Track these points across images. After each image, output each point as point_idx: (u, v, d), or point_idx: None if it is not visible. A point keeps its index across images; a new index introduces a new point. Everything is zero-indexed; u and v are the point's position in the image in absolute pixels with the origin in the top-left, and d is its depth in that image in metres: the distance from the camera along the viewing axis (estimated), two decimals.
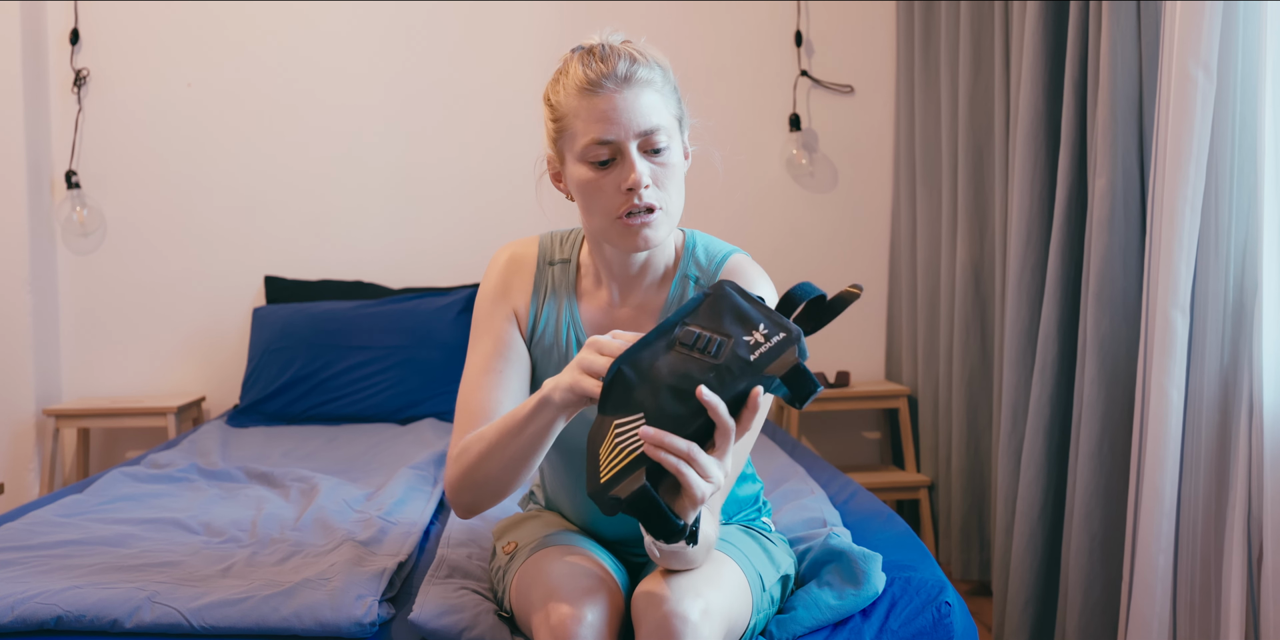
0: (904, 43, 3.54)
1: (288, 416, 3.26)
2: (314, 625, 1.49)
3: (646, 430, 1.16)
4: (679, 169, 1.44)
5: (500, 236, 3.61)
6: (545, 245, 1.57)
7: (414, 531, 1.95)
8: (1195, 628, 2.00)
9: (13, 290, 3.39)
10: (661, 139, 1.39)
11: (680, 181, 1.44)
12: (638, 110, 1.38)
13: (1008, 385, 2.62)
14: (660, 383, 1.19)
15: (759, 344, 1.18)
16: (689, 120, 1.50)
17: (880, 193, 3.72)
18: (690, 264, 1.50)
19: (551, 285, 1.54)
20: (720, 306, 1.21)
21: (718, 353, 1.19)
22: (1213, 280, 1.99)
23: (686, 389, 1.18)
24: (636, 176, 1.37)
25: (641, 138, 1.38)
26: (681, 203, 1.45)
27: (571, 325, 1.53)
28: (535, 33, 3.60)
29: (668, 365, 1.20)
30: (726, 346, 1.19)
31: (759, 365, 1.18)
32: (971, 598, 3.00)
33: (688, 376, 1.18)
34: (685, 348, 1.20)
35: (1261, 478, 1.88)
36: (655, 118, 1.39)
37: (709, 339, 1.20)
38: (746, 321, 1.20)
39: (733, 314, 1.21)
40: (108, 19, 3.54)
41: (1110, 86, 2.22)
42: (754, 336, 1.19)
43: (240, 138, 3.60)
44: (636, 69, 1.40)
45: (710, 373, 1.18)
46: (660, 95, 1.41)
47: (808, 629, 1.48)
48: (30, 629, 1.51)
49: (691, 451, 1.16)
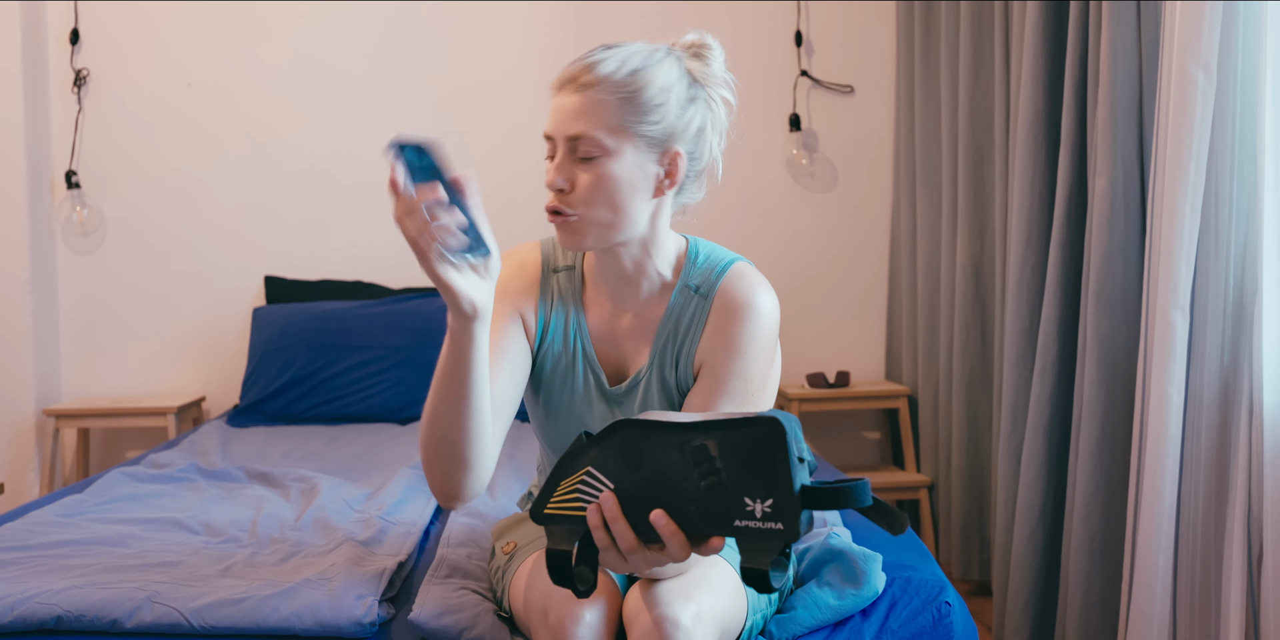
0: (904, 43, 3.54)
1: (288, 416, 3.27)
2: (314, 625, 1.49)
3: (607, 503, 1.10)
4: (613, 184, 1.37)
5: (500, 236, 3.59)
6: (547, 251, 1.57)
7: (414, 531, 1.95)
8: (1195, 628, 2.00)
9: (13, 290, 3.39)
10: (591, 149, 1.37)
11: (612, 196, 1.38)
12: (574, 115, 1.37)
13: (1008, 385, 2.62)
14: (646, 472, 1.09)
15: (751, 516, 1.03)
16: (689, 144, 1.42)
17: (880, 193, 3.72)
18: (692, 273, 1.49)
19: (558, 293, 1.54)
20: (756, 447, 1.03)
21: (711, 493, 1.05)
22: (1213, 280, 1.99)
23: (661, 498, 1.08)
24: (549, 176, 1.40)
25: (569, 143, 1.38)
26: (616, 217, 1.39)
27: (578, 333, 1.52)
28: (534, 32, 3.60)
29: (665, 464, 1.08)
30: (723, 494, 1.05)
31: (738, 534, 1.04)
32: (971, 598, 3.00)
33: (670, 490, 1.08)
34: (690, 460, 1.07)
35: (1261, 478, 1.88)
36: (585, 125, 1.36)
37: (715, 474, 1.05)
38: (764, 483, 1.03)
39: (760, 464, 1.03)
40: (108, 19, 3.55)
41: (1110, 86, 2.22)
42: (755, 506, 1.03)
43: (240, 137, 3.60)
44: (595, 76, 1.37)
45: (691, 505, 1.06)
46: (612, 107, 1.37)
47: (808, 629, 1.48)
48: (30, 629, 1.51)
49: (629, 549, 1.11)
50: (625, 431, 1.11)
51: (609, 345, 1.52)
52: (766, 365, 1.44)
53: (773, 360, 1.47)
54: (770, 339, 1.45)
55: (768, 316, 1.44)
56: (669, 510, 1.08)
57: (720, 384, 1.42)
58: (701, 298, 1.47)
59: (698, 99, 1.43)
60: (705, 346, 1.45)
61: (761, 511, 1.03)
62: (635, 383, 1.49)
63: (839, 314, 3.74)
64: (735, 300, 1.44)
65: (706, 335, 1.45)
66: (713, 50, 1.48)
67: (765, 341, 1.44)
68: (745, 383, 1.42)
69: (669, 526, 1.08)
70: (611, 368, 1.52)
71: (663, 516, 1.08)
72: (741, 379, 1.42)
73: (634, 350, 1.51)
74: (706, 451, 1.06)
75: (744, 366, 1.42)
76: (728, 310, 1.44)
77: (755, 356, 1.42)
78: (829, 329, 3.73)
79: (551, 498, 1.15)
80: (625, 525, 1.10)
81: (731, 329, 1.43)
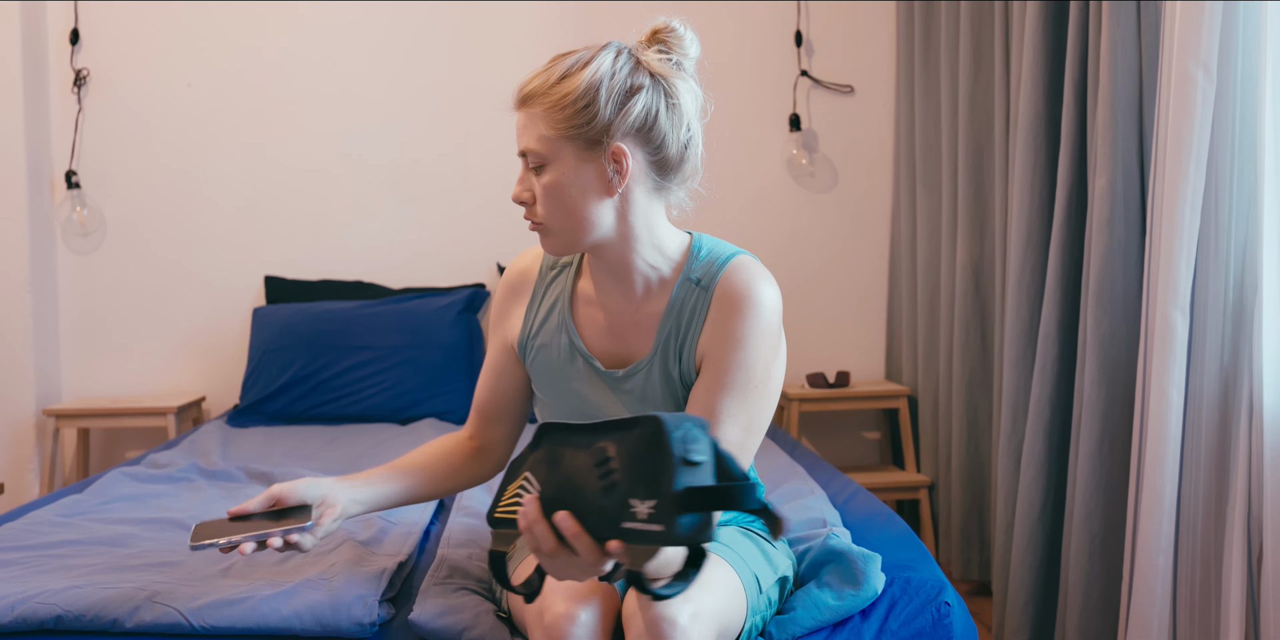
0: (904, 43, 3.54)
1: (288, 416, 3.27)
2: (314, 625, 1.49)
3: (528, 506, 1.10)
4: (557, 190, 1.42)
5: (500, 236, 3.62)
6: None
7: (414, 531, 1.95)
8: (1195, 628, 2.00)
9: (13, 290, 3.39)
10: (536, 160, 1.43)
11: (562, 202, 1.42)
12: (519, 130, 1.45)
13: (1008, 385, 2.62)
14: (562, 475, 1.09)
15: (635, 518, 1.00)
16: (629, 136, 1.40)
17: (880, 193, 3.72)
18: (694, 267, 1.49)
19: (550, 290, 1.58)
20: (644, 447, 1.01)
21: (606, 493, 1.03)
22: (1213, 280, 1.99)
23: (570, 500, 1.07)
24: (514, 192, 1.46)
25: (522, 157, 1.45)
26: (571, 221, 1.43)
27: (564, 327, 1.55)
28: (535, 31, 3.60)
29: (576, 467, 1.07)
30: (616, 495, 1.02)
31: (625, 536, 1.02)
32: (971, 598, 3.00)
33: (578, 493, 1.07)
34: (594, 463, 1.05)
35: (1261, 478, 1.88)
36: (527, 139, 1.43)
37: (610, 475, 1.03)
38: (648, 484, 0.99)
39: (645, 465, 1.00)
40: (108, 19, 3.55)
41: (1110, 86, 2.22)
42: (639, 508, 1.00)
43: (240, 137, 3.60)
44: (529, 90, 1.44)
45: (592, 508, 1.05)
46: (542, 117, 1.41)
47: (807, 629, 1.48)
48: (30, 629, 1.51)
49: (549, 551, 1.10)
50: (552, 435, 1.12)
51: (604, 338, 1.53)
52: (769, 357, 1.44)
53: (776, 352, 1.46)
54: (772, 331, 1.44)
55: (768, 308, 1.44)
56: (576, 513, 1.07)
57: (722, 376, 1.42)
58: (702, 290, 1.47)
59: (643, 89, 1.41)
60: (706, 339, 1.45)
61: (645, 513, 0.99)
62: (635, 370, 1.50)
63: (839, 314, 3.74)
64: (735, 292, 1.44)
65: (707, 327, 1.45)
66: (675, 33, 1.47)
67: (766, 333, 1.43)
68: (747, 375, 1.42)
69: (571, 528, 1.07)
70: (611, 357, 1.53)
71: (566, 518, 1.07)
72: (743, 371, 1.42)
73: (637, 343, 1.51)
74: (605, 453, 1.04)
75: (745, 358, 1.42)
76: (727, 302, 1.44)
77: (756, 348, 1.42)
78: (829, 329, 3.73)
79: (499, 503, 1.17)
80: (544, 527, 1.09)
81: (732, 320, 1.43)
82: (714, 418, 1.41)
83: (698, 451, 1.00)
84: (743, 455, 1.43)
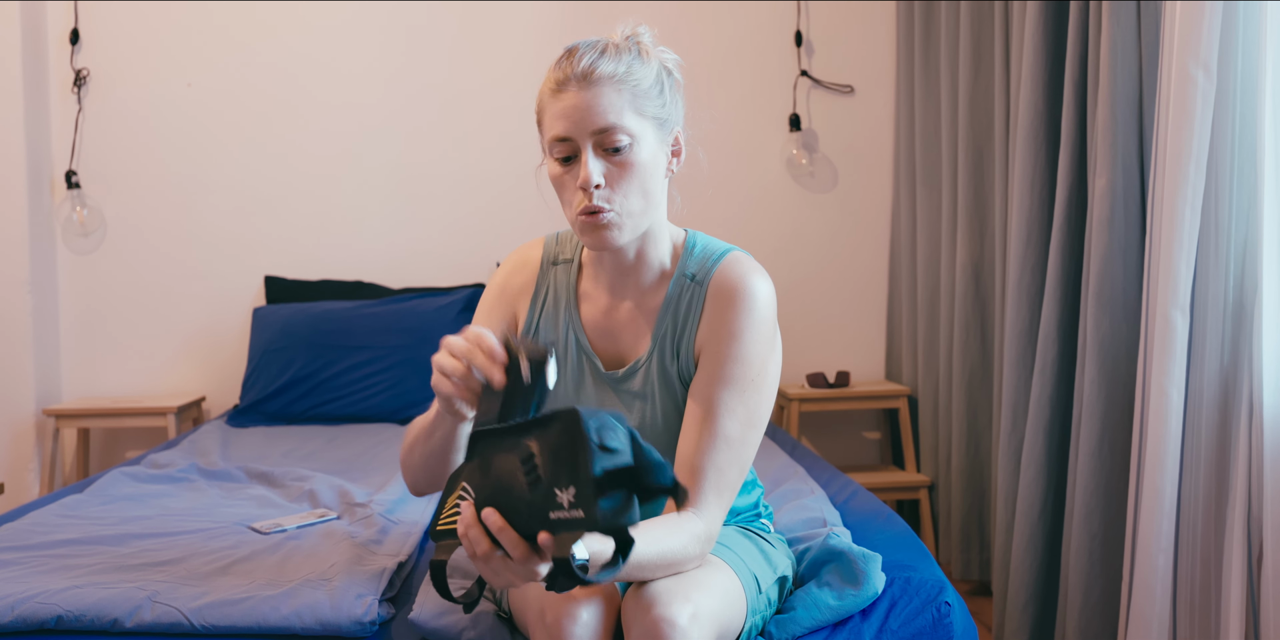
0: (904, 43, 3.54)
1: (288, 416, 3.27)
2: (314, 624, 1.50)
3: (465, 512, 1.12)
4: (642, 169, 1.41)
5: (500, 236, 3.61)
6: (549, 246, 1.60)
7: (414, 531, 1.95)
8: (1195, 628, 2.00)
9: (13, 290, 3.39)
10: (620, 138, 1.39)
11: (644, 182, 1.42)
12: (594, 109, 1.39)
13: (1008, 385, 2.62)
14: (492, 478, 1.11)
15: (560, 507, 1.04)
16: (678, 114, 1.48)
17: (880, 193, 3.72)
18: (689, 263, 1.50)
19: (553, 286, 1.56)
20: (562, 439, 1.05)
21: (532, 487, 1.06)
22: (1213, 280, 1.99)
23: (500, 500, 1.10)
24: (586, 175, 1.38)
25: (597, 137, 1.39)
26: (646, 204, 1.43)
27: (570, 324, 1.54)
28: (534, 32, 3.60)
29: (504, 468, 1.10)
30: (541, 488, 1.06)
31: (552, 526, 1.05)
32: (971, 598, 3.00)
33: (507, 491, 1.09)
34: (519, 460, 1.08)
35: (1261, 478, 1.88)
36: (612, 116, 1.39)
37: (533, 469, 1.06)
38: (568, 473, 1.03)
39: (564, 455, 1.04)
40: (108, 19, 3.55)
41: (1110, 86, 2.22)
42: (562, 497, 1.04)
43: (240, 137, 3.60)
44: (598, 66, 1.40)
45: (521, 503, 1.07)
46: (628, 93, 1.40)
47: (807, 629, 1.48)
48: (30, 629, 1.51)
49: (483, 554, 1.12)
50: (482, 442, 1.13)
51: (605, 335, 1.53)
52: (765, 351, 1.45)
53: (772, 346, 1.47)
54: (766, 324, 1.45)
55: (762, 301, 1.45)
56: (507, 511, 1.09)
57: (719, 370, 1.42)
58: (697, 285, 1.48)
59: (673, 85, 1.49)
60: (703, 334, 1.46)
61: (568, 501, 1.03)
62: (635, 369, 1.50)
63: (839, 314, 3.74)
64: (729, 286, 1.45)
65: (704, 322, 1.46)
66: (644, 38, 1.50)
67: (761, 326, 1.44)
68: (744, 368, 1.42)
69: (496, 522, 1.09)
70: (610, 356, 1.53)
71: (492, 514, 1.09)
72: (739, 364, 1.42)
73: (634, 339, 1.51)
74: (529, 449, 1.07)
75: (740, 351, 1.43)
76: (722, 296, 1.45)
77: (752, 341, 1.43)
78: (829, 329, 3.73)
79: (440, 516, 1.17)
80: (479, 530, 1.11)
81: (727, 314, 1.44)
82: (712, 412, 1.41)
83: (613, 438, 1.04)
84: (744, 451, 1.43)
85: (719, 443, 1.40)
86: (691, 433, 1.42)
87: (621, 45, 1.45)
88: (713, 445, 1.40)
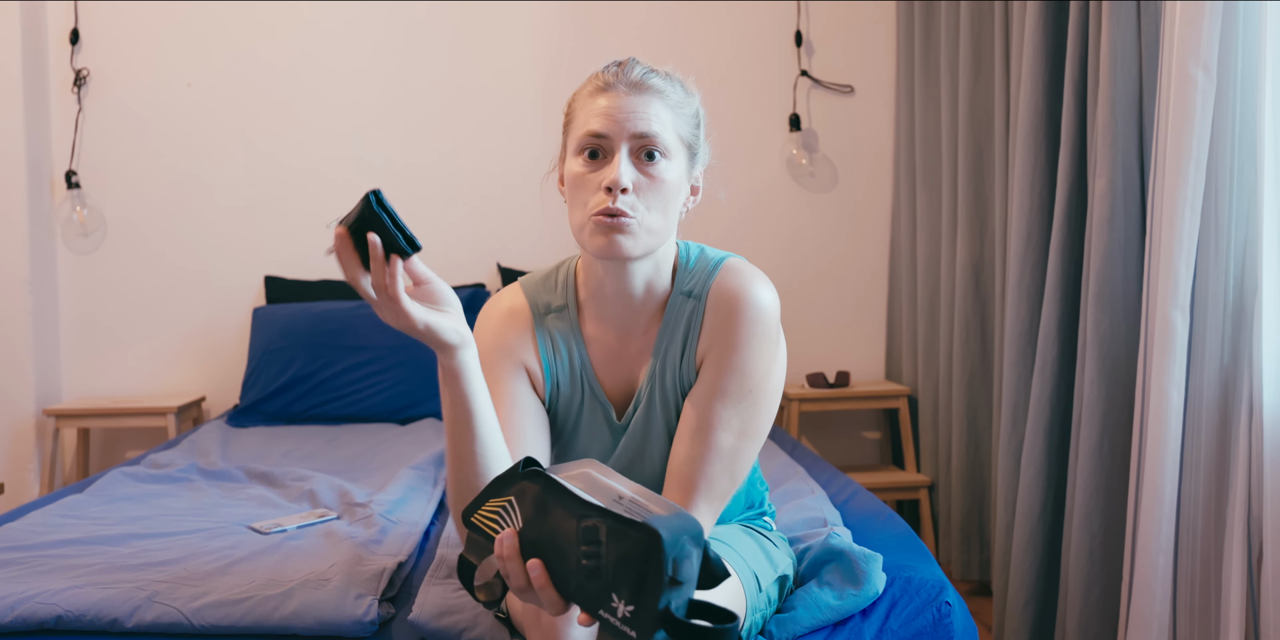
0: (904, 43, 3.54)
1: (288, 416, 3.27)
2: (314, 624, 1.49)
3: (507, 541, 1.11)
4: (669, 188, 1.37)
5: (499, 236, 3.61)
6: (532, 294, 1.52)
7: (414, 531, 1.95)
8: (1195, 628, 2.00)
9: (13, 290, 3.39)
10: (659, 145, 1.36)
11: (666, 202, 1.37)
12: (639, 113, 1.36)
13: (1008, 385, 2.62)
14: (547, 529, 1.09)
15: (613, 612, 1.02)
16: (705, 157, 1.46)
17: (880, 193, 3.73)
18: (685, 280, 1.46)
19: (555, 334, 1.50)
20: (636, 550, 1.01)
21: (589, 574, 1.04)
22: (1213, 280, 1.99)
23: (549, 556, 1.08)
24: (617, 175, 1.33)
25: (636, 141, 1.36)
26: (663, 224, 1.37)
27: (584, 372, 1.49)
28: (533, 32, 3.60)
29: (563, 528, 1.07)
30: (597, 580, 1.04)
31: (600, 621, 1.04)
32: (971, 598, 3.00)
33: (560, 553, 1.07)
34: (581, 536, 1.05)
35: (1261, 478, 1.88)
36: (656, 125, 1.36)
37: (597, 557, 1.04)
38: (632, 588, 1.01)
39: (634, 567, 1.01)
40: (108, 19, 3.55)
41: (1110, 86, 2.22)
42: (618, 605, 1.02)
43: (240, 137, 3.60)
44: (651, 79, 1.39)
45: (571, 575, 1.06)
46: (671, 111, 1.39)
47: (808, 629, 1.48)
48: (30, 629, 1.51)
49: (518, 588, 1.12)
50: (543, 481, 1.11)
51: (614, 374, 1.49)
52: (767, 362, 1.41)
53: (775, 357, 1.43)
54: (769, 333, 1.41)
55: (765, 309, 1.40)
56: (554, 572, 1.09)
57: (717, 381, 1.39)
58: (695, 301, 1.44)
59: (704, 127, 1.48)
60: (704, 344, 1.42)
61: (623, 612, 1.02)
62: (634, 409, 1.48)
63: (839, 314, 3.74)
64: (728, 295, 1.41)
65: (704, 334, 1.42)
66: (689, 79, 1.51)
67: (763, 336, 1.40)
68: (742, 380, 1.39)
69: (540, 578, 1.08)
70: (619, 395, 1.50)
71: (538, 567, 1.08)
72: (738, 376, 1.39)
73: (639, 370, 1.49)
74: (596, 534, 1.04)
75: (740, 363, 1.39)
76: (721, 307, 1.41)
77: (753, 352, 1.39)
78: (829, 329, 3.73)
79: (479, 507, 1.16)
80: (519, 566, 1.10)
81: (727, 325, 1.40)
82: (706, 423, 1.38)
83: (686, 569, 1.02)
84: (738, 461, 1.40)
85: (711, 454, 1.37)
86: (684, 442, 1.39)
87: (671, 73, 1.44)
88: (704, 457, 1.37)
